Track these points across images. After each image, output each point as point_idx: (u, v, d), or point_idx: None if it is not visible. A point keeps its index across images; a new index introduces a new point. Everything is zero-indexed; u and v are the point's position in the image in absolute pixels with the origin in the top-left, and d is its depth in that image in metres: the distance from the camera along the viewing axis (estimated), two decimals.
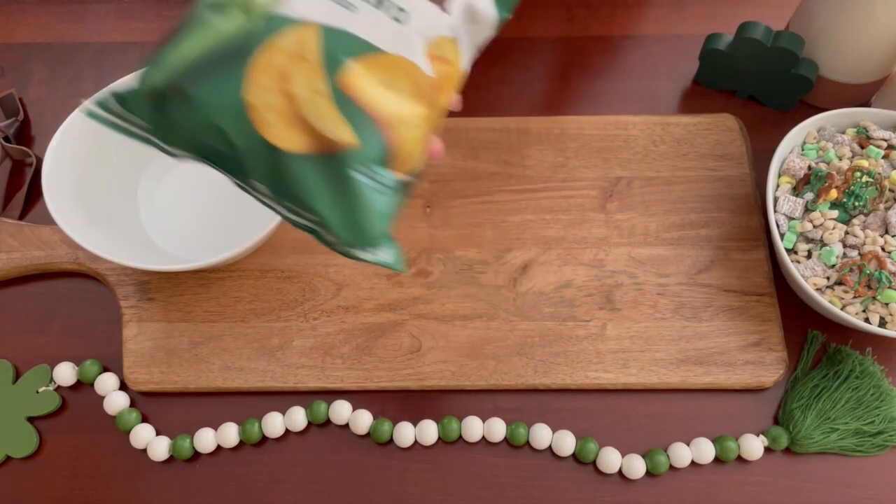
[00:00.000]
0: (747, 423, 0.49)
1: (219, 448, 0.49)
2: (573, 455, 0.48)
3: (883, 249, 0.47)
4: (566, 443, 0.48)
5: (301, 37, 0.31)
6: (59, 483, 0.49)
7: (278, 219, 0.48)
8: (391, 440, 0.49)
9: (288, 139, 0.31)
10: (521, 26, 0.64)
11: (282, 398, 0.50)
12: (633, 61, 0.62)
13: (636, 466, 0.47)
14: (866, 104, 0.58)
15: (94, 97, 0.33)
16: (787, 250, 0.49)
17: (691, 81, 0.61)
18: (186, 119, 0.32)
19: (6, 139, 0.59)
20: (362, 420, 0.48)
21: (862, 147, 0.51)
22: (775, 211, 0.50)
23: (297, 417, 0.49)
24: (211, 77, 0.31)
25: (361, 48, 0.32)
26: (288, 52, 0.31)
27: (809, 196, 0.49)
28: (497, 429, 0.48)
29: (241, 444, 0.49)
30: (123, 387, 0.51)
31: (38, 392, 0.51)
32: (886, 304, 0.46)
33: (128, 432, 0.49)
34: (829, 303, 0.46)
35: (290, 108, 0.31)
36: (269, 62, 0.31)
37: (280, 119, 0.31)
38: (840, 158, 0.50)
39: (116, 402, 0.50)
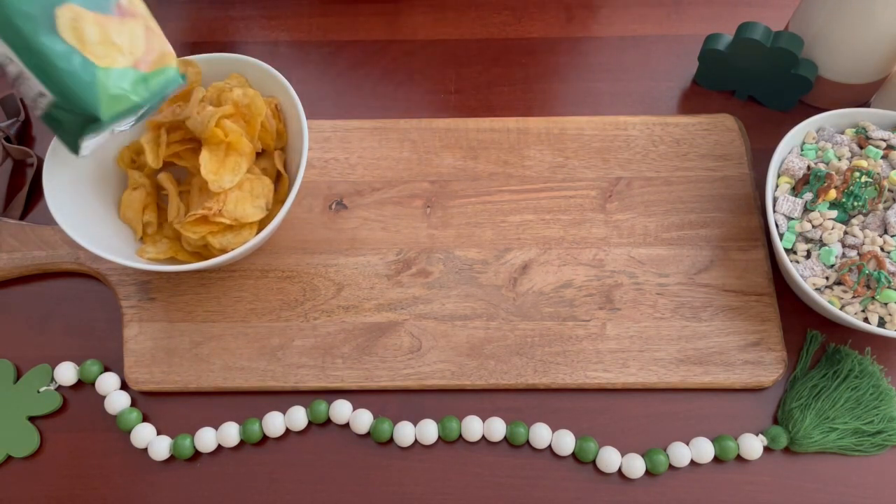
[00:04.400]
0: (747, 423, 0.49)
1: (219, 448, 0.49)
2: (573, 455, 0.48)
3: (882, 249, 0.47)
4: (566, 442, 0.48)
5: None
6: (59, 483, 0.49)
7: (279, 219, 0.48)
8: (391, 440, 0.49)
9: None
10: (521, 26, 0.65)
11: (282, 398, 0.50)
12: (633, 61, 0.62)
13: (636, 466, 0.47)
14: (865, 104, 0.58)
15: None
16: (787, 250, 0.49)
17: (691, 82, 0.61)
18: None
19: (7, 139, 0.59)
20: (362, 420, 0.49)
21: (861, 147, 0.51)
22: (774, 211, 0.50)
23: (298, 417, 0.49)
24: None
25: None
26: None
27: (808, 196, 0.49)
28: (497, 428, 0.48)
29: (242, 443, 0.49)
30: (124, 386, 0.51)
31: (39, 392, 0.51)
32: (885, 304, 0.46)
33: (128, 432, 0.49)
34: (828, 302, 0.46)
35: None
36: None
37: None
38: (839, 158, 0.50)
39: (117, 401, 0.50)
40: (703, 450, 0.47)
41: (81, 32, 0.39)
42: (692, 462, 0.48)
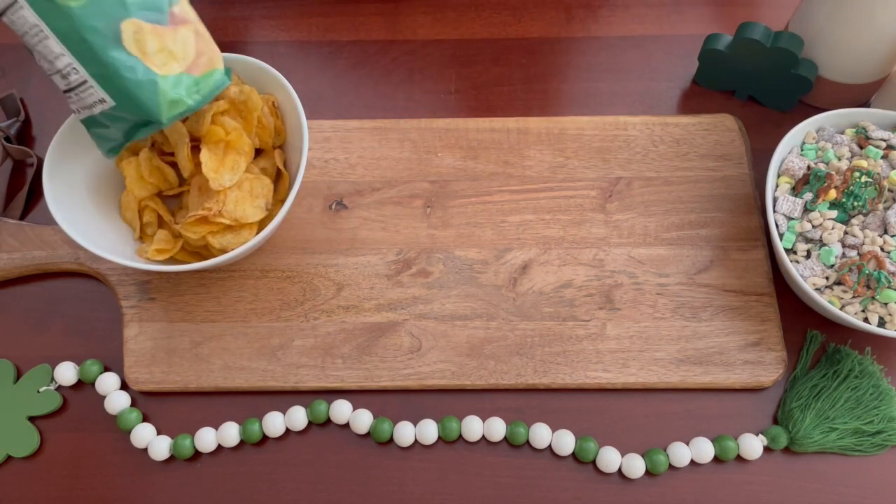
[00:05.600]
0: (747, 423, 0.49)
1: (219, 448, 0.49)
2: (573, 454, 0.48)
3: (882, 249, 0.47)
4: (566, 442, 0.48)
5: None
6: (59, 483, 0.49)
7: (279, 219, 0.48)
8: (391, 440, 0.49)
9: None
10: (521, 26, 0.65)
11: (282, 398, 0.50)
12: (633, 61, 0.62)
13: (636, 466, 0.47)
14: (865, 104, 0.59)
15: None
16: (787, 250, 0.49)
17: (691, 82, 0.61)
18: None
19: (7, 139, 0.59)
20: (362, 420, 0.49)
21: (861, 147, 0.51)
22: (774, 211, 0.50)
23: (298, 417, 0.49)
24: None
25: None
26: None
27: (808, 196, 0.49)
28: (497, 428, 0.48)
29: (242, 443, 0.49)
30: (124, 386, 0.51)
31: (39, 392, 0.51)
32: (885, 304, 0.46)
33: (128, 432, 0.49)
34: (828, 302, 0.46)
35: None
36: None
37: None
38: (839, 159, 0.50)
39: (117, 401, 0.50)
40: (703, 450, 0.47)
41: (143, 44, 0.42)
42: (692, 462, 0.48)
